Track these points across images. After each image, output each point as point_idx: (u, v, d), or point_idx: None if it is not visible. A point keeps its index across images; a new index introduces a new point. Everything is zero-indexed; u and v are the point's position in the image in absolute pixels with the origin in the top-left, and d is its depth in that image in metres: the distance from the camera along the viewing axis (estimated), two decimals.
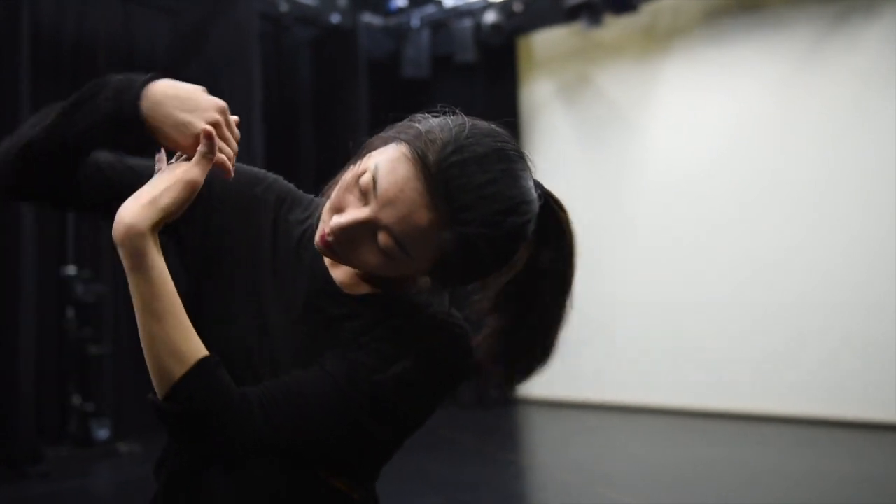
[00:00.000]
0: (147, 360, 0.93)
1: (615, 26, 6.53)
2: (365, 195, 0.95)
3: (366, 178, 0.95)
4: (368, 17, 7.08)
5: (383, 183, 0.94)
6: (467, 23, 6.81)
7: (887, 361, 5.56)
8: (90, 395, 5.44)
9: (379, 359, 0.99)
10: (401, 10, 7.10)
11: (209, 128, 0.94)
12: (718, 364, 6.24)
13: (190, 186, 0.95)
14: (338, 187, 0.99)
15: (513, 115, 7.25)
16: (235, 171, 1.01)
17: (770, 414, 5.99)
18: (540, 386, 7.04)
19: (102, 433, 5.35)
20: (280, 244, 1.08)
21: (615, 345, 6.76)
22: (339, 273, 1.06)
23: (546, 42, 7.34)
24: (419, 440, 1.24)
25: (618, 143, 6.93)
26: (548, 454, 5.74)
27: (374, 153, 0.98)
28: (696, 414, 6.26)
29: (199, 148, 0.95)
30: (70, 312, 5.42)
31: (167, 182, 0.94)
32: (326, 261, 1.07)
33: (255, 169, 1.15)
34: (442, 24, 7.06)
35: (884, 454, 5.14)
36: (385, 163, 0.94)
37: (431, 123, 0.97)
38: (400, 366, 0.99)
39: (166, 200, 0.93)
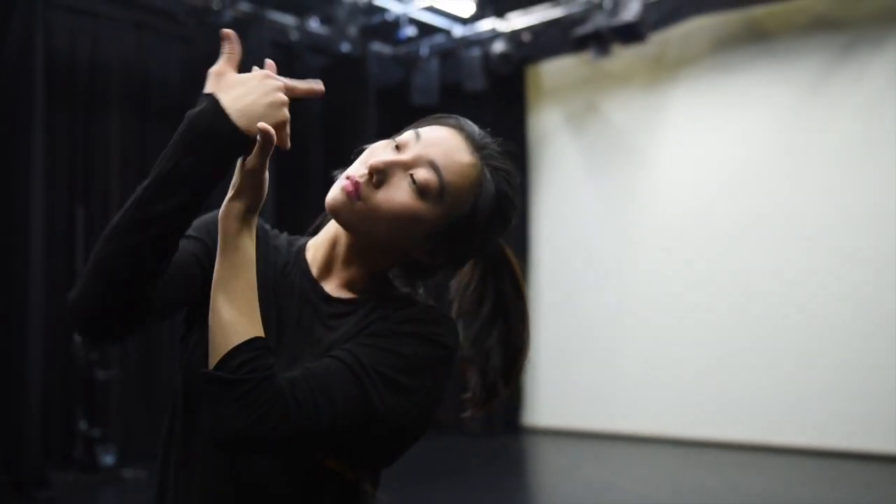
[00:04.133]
0: (211, 331, 0.96)
1: (623, 56, 6.57)
2: (401, 149, 1.04)
3: (405, 136, 1.06)
4: (378, 46, 7.14)
5: (426, 133, 1.05)
6: (476, 52, 6.86)
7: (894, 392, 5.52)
8: (96, 421, 5.43)
9: (383, 346, 1.01)
10: (410, 39, 7.16)
11: (266, 126, 0.95)
12: (725, 394, 6.19)
13: (257, 175, 0.99)
14: (361, 156, 1.07)
15: (521, 144, 7.28)
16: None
17: (779, 445, 5.93)
18: (546, 414, 7.02)
19: (108, 459, 5.34)
20: (267, 270, 1.12)
21: (620, 373, 6.72)
22: (330, 286, 1.11)
23: (554, 71, 7.39)
24: (425, 467, 1.24)
25: (625, 171, 6.95)
26: (554, 483, 5.69)
27: None
28: (702, 444, 6.20)
29: (258, 139, 0.97)
30: (78, 337, 5.43)
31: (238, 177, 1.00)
32: (314, 272, 1.11)
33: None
34: (451, 53, 7.12)
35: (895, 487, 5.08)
36: (424, 126, 1.08)
37: None
38: (404, 347, 1.02)
39: (244, 195, 1.00)
